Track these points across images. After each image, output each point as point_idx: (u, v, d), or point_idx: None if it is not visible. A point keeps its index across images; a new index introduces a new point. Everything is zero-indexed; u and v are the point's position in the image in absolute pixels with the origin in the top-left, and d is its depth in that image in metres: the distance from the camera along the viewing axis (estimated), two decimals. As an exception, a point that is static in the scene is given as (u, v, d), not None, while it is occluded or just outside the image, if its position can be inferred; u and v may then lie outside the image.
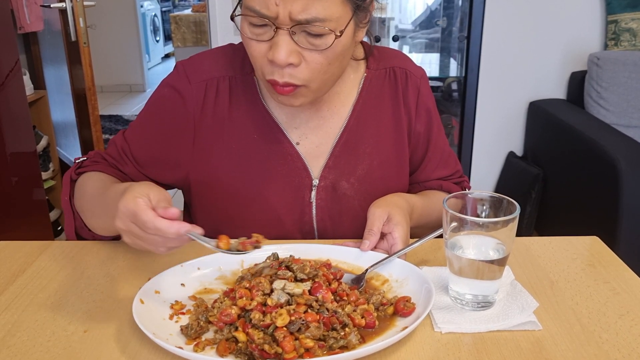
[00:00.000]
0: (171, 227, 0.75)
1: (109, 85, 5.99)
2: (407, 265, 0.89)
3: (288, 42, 0.86)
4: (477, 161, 2.96)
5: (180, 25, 4.61)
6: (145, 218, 0.74)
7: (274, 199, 1.04)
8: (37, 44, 3.11)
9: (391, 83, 1.09)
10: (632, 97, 2.47)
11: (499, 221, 0.77)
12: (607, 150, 2.06)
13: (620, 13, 2.62)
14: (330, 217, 1.06)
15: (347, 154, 1.06)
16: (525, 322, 0.78)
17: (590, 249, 1.01)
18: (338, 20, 0.86)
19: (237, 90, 1.04)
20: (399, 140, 1.09)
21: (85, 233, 1.01)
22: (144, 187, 0.80)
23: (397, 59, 1.11)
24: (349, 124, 1.06)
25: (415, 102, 1.09)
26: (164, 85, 1.05)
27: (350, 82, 1.07)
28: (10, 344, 0.75)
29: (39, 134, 2.78)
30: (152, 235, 0.76)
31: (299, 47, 0.87)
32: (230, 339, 0.73)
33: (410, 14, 3.37)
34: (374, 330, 0.77)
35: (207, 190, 1.05)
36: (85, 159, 1.06)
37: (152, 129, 1.05)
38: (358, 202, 1.06)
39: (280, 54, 0.86)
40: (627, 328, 0.78)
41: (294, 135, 1.05)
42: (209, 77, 1.03)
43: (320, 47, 0.87)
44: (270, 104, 1.04)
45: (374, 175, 1.07)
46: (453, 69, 3.30)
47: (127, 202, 0.76)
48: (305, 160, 1.04)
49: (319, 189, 1.05)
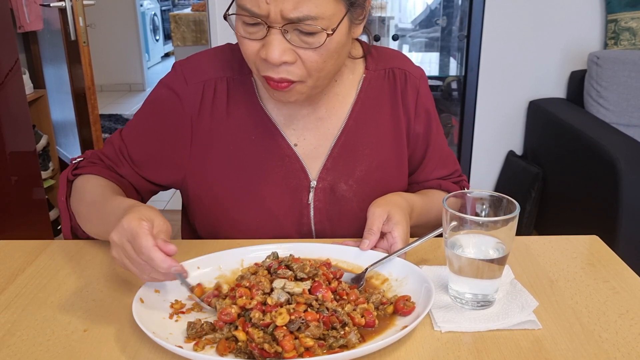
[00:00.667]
0: (164, 262, 0.74)
1: (109, 84, 5.99)
2: (407, 264, 0.89)
3: (280, 40, 0.86)
4: (477, 160, 2.96)
5: (179, 25, 4.60)
6: (144, 243, 0.74)
7: (271, 200, 1.03)
8: (36, 43, 3.11)
9: (390, 84, 1.08)
10: (632, 97, 2.47)
11: (499, 220, 0.77)
12: (607, 150, 2.06)
13: (620, 12, 2.62)
14: (328, 219, 1.06)
15: (346, 156, 1.05)
16: (525, 321, 0.78)
17: (590, 248, 1.01)
18: (330, 18, 0.85)
19: (235, 91, 1.03)
20: (398, 141, 1.09)
21: (81, 233, 1.02)
22: (151, 212, 0.79)
23: (396, 59, 1.11)
24: (348, 126, 1.05)
25: (415, 103, 1.09)
26: (161, 85, 1.05)
27: (349, 83, 1.07)
28: (10, 343, 0.75)
29: (38, 133, 2.78)
30: (142, 262, 0.76)
31: (292, 46, 0.86)
32: (230, 338, 0.73)
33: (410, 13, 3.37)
34: (374, 330, 0.77)
35: (205, 191, 1.05)
36: (82, 159, 1.05)
37: (149, 130, 1.05)
38: (357, 204, 1.06)
39: (274, 53, 0.85)
40: (627, 327, 0.78)
41: (292, 136, 1.04)
42: (207, 77, 1.02)
43: (314, 45, 0.86)
44: (268, 105, 1.04)
45: (373, 176, 1.07)
46: (453, 68, 3.30)
47: (131, 222, 0.76)
48: (303, 161, 1.04)
49: (316, 191, 1.05)
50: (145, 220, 0.76)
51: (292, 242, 0.98)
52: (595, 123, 2.40)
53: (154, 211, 0.80)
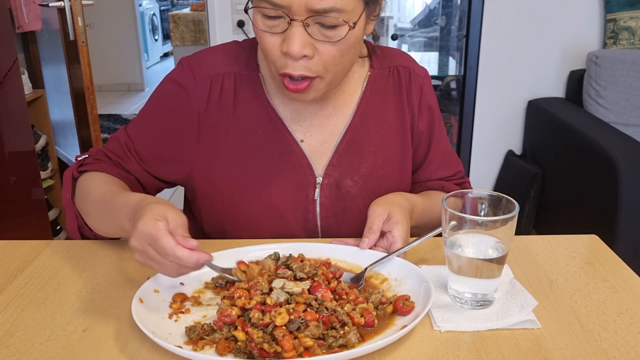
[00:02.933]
0: (191, 257, 0.74)
1: (108, 84, 5.99)
2: (406, 264, 0.89)
3: (302, 33, 0.86)
4: (476, 160, 2.96)
5: (179, 24, 4.60)
6: (166, 245, 0.74)
7: (277, 196, 1.04)
8: (35, 43, 3.11)
9: (395, 82, 1.09)
10: (631, 96, 2.47)
11: (498, 220, 0.77)
12: (606, 149, 2.06)
13: (619, 12, 2.62)
14: (334, 215, 1.06)
15: (351, 152, 1.06)
16: (524, 321, 0.78)
17: (589, 247, 1.01)
18: (352, 11, 0.86)
19: (242, 86, 1.03)
20: (403, 138, 1.09)
21: (87, 231, 1.01)
22: (162, 207, 0.78)
23: (401, 58, 1.12)
24: (353, 122, 1.06)
25: (418, 101, 1.10)
26: (168, 80, 1.05)
27: (355, 81, 1.07)
28: (9, 343, 0.75)
29: (37, 133, 2.78)
30: (169, 262, 0.75)
31: (312, 39, 0.87)
32: (230, 338, 0.73)
33: (409, 12, 3.37)
34: (373, 329, 0.77)
35: (211, 187, 1.05)
36: (87, 157, 1.04)
37: (156, 125, 1.04)
38: (362, 200, 1.06)
39: (295, 45, 0.86)
40: (626, 326, 0.78)
41: (298, 132, 1.04)
42: (214, 72, 1.02)
43: (334, 38, 0.87)
44: (275, 101, 1.04)
45: (378, 173, 1.07)
46: (452, 68, 3.30)
47: (147, 224, 0.75)
48: (309, 157, 1.04)
49: (322, 187, 1.05)
50: (160, 219, 0.75)
51: (292, 242, 0.98)
52: (594, 122, 2.40)
53: (164, 205, 0.79)
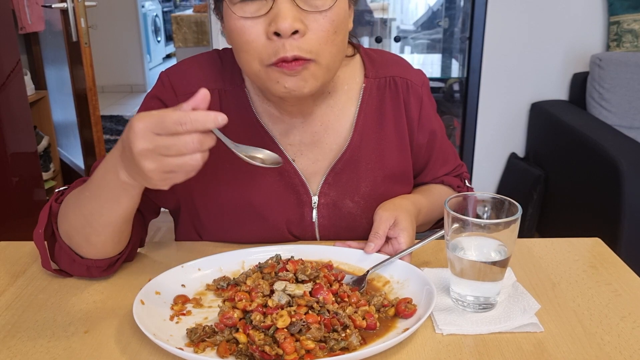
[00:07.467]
0: (209, 114, 0.69)
1: (110, 85, 5.99)
2: (409, 266, 0.89)
3: (290, 7, 0.82)
4: (479, 162, 2.95)
5: (181, 26, 4.60)
6: (177, 114, 0.68)
7: (273, 217, 1.00)
8: (38, 44, 3.12)
9: (392, 94, 1.05)
10: (634, 99, 2.47)
11: (501, 222, 0.77)
12: (609, 152, 2.05)
13: (623, 14, 2.62)
14: (336, 236, 1.03)
15: (349, 171, 1.02)
16: (527, 324, 0.78)
17: (592, 250, 1.01)
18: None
19: (228, 104, 0.99)
20: (402, 152, 1.06)
21: (64, 262, 0.90)
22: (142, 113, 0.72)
23: (396, 66, 1.07)
24: (353, 141, 1.02)
25: (418, 114, 1.06)
26: (150, 97, 1.00)
27: (345, 95, 1.03)
28: (10, 344, 0.75)
29: (39, 134, 2.79)
30: (188, 137, 0.69)
31: (301, 13, 0.84)
32: (231, 340, 0.73)
33: (412, 14, 3.37)
34: (375, 332, 0.77)
35: (204, 209, 1.01)
36: (67, 188, 0.94)
37: None
38: (365, 220, 1.03)
39: (286, 19, 0.81)
40: (629, 330, 0.78)
41: (289, 151, 1.01)
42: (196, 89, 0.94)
43: (322, 7, 0.84)
44: (264, 119, 1.00)
45: (379, 191, 1.04)
46: (455, 70, 3.30)
47: (144, 116, 0.69)
48: (303, 176, 1.01)
49: (319, 207, 1.02)
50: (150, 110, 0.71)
51: (294, 244, 0.98)
52: (597, 125, 2.39)
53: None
